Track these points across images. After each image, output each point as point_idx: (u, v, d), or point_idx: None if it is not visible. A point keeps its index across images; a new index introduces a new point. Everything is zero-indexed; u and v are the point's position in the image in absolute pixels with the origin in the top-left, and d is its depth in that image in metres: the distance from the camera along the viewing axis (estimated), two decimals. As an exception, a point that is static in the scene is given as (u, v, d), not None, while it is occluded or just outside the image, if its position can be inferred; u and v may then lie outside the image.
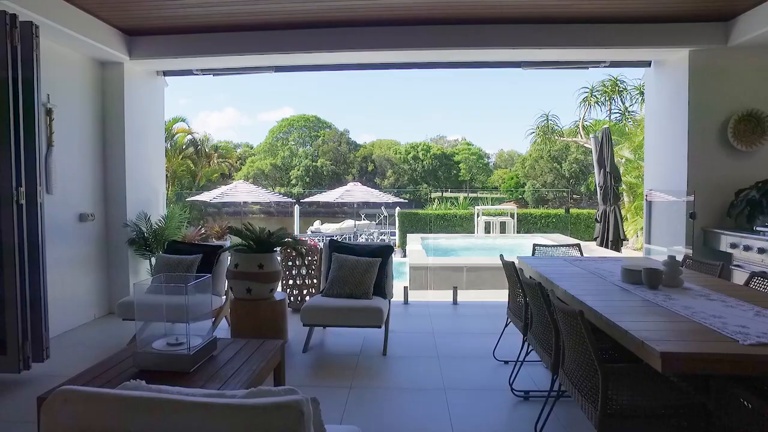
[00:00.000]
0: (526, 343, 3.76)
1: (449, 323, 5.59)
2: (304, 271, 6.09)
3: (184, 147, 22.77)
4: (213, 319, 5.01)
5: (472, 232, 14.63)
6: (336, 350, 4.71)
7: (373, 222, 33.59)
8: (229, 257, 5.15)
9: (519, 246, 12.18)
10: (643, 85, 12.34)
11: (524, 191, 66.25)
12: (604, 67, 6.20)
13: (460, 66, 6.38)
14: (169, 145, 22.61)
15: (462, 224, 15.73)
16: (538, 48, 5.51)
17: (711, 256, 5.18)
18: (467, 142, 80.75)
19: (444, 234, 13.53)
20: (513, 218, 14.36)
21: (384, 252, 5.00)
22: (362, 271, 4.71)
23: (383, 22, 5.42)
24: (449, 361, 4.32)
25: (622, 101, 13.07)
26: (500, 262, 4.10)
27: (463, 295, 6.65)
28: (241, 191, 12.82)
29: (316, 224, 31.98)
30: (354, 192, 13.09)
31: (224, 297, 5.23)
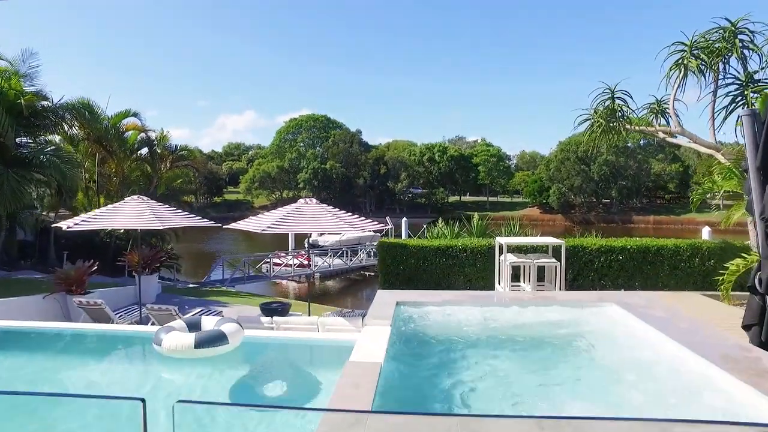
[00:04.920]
0: None
1: None
2: None
3: (136, 146, 18.01)
4: None
5: (490, 276, 8.83)
6: None
7: (378, 234, 28.29)
8: None
9: (599, 339, 4.87)
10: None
11: (549, 195, 60.07)
12: None
13: None
14: (116, 144, 17.86)
15: (476, 263, 9.46)
16: None
17: None
18: (486, 143, 75.00)
19: (437, 293, 6.34)
20: (560, 258, 8.35)
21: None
22: None
23: None
24: None
25: (744, 64, 7.57)
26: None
27: None
28: (122, 213, 7.80)
29: (315, 235, 27.14)
30: (301, 215, 7.84)
31: None
